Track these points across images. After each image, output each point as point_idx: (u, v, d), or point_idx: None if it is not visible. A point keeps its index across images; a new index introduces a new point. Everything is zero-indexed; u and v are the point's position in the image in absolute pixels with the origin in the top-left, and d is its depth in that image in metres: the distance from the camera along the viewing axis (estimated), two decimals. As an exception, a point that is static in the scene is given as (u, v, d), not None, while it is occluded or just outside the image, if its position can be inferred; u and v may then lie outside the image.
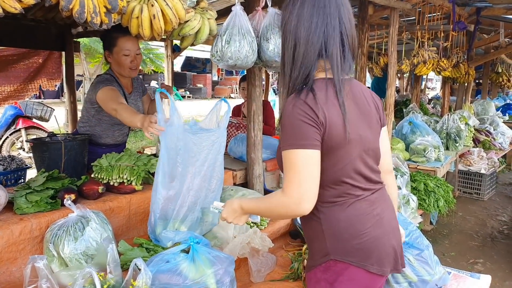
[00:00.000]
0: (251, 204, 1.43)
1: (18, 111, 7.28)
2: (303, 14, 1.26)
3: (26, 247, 1.83)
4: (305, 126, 1.21)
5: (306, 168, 1.21)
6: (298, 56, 1.28)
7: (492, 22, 5.61)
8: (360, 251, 1.31)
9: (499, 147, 6.33)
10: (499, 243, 4.23)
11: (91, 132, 2.73)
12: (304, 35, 1.26)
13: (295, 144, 1.21)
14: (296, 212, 1.25)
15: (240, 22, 2.16)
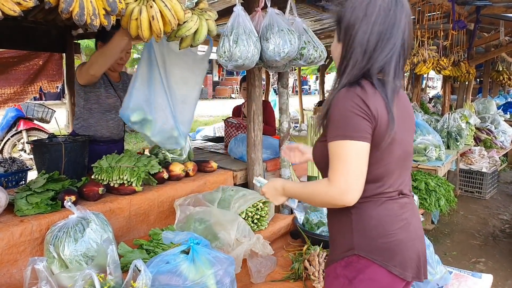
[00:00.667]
0: (294, 188, 1.47)
1: (19, 112, 7.29)
2: (374, 19, 1.27)
3: (26, 248, 1.83)
4: (358, 118, 1.23)
5: (355, 159, 1.23)
6: (362, 55, 1.29)
7: (492, 20, 5.60)
8: (385, 250, 1.32)
9: (500, 146, 6.32)
10: (501, 242, 4.22)
11: (86, 127, 2.76)
12: (373, 38, 1.28)
13: (346, 135, 1.23)
14: (339, 202, 1.26)
15: (244, 22, 2.16)
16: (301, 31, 2.48)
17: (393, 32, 1.28)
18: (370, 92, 1.26)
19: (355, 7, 1.30)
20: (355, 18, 1.29)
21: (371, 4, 1.27)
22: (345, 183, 1.23)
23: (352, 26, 1.29)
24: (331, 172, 1.26)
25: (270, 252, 2.17)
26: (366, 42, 1.28)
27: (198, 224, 2.23)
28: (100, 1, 1.50)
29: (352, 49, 1.30)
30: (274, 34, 2.24)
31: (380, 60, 1.29)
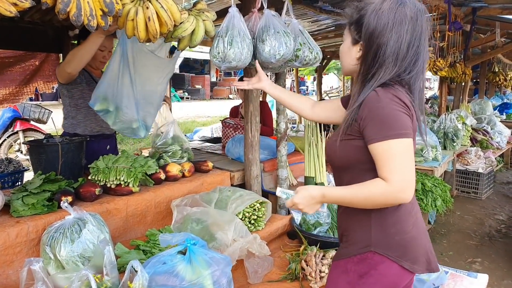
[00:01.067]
0: (338, 193, 1.39)
1: (16, 113, 7.27)
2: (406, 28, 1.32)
3: (22, 249, 1.83)
4: (404, 116, 1.28)
5: (408, 156, 1.28)
6: (393, 63, 1.33)
7: (488, 22, 5.63)
8: (400, 246, 1.36)
9: (496, 146, 6.34)
10: (497, 242, 4.24)
11: (75, 124, 2.78)
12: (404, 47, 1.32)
13: (397, 133, 1.26)
14: (399, 200, 1.29)
15: (238, 24, 2.16)
16: (297, 33, 2.49)
17: (421, 40, 1.34)
18: (402, 92, 1.31)
19: (381, 14, 1.32)
20: (383, 26, 1.31)
21: (399, 12, 1.31)
22: (404, 181, 1.26)
23: (380, 34, 1.32)
24: (387, 171, 1.27)
25: (267, 252, 2.18)
26: (398, 50, 1.31)
27: (195, 225, 2.23)
28: (97, 2, 1.50)
29: (385, 57, 1.32)
30: (270, 36, 2.24)
31: (410, 67, 1.34)
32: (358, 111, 1.33)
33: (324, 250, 2.30)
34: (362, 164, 1.37)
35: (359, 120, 1.33)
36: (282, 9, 2.52)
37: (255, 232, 2.41)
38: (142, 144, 9.25)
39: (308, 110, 1.82)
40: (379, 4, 1.33)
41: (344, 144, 1.39)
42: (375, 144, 1.29)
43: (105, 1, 1.52)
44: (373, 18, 1.32)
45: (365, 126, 1.31)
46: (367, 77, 1.36)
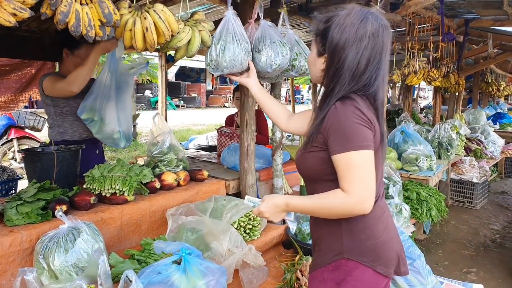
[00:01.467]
0: (300, 203, 1.42)
1: (11, 121, 7.24)
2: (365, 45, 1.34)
3: (16, 259, 1.81)
4: (364, 128, 1.30)
5: (368, 168, 1.30)
6: (350, 78, 1.35)
7: (480, 33, 5.71)
8: (372, 251, 1.39)
9: (490, 156, 6.39)
10: (491, 252, 4.25)
11: (62, 132, 2.80)
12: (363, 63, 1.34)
13: (357, 145, 1.28)
14: (358, 211, 1.31)
15: (233, 28, 2.15)
16: (293, 43, 2.51)
17: (382, 56, 1.36)
18: (364, 105, 1.33)
19: (344, 29, 1.34)
20: (345, 41, 1.33)
21: (361, 29, 1.33)
22: (364, 192, 1.28)
23: (341, 49, 1.34)
24: (346, 183, 1.29)
25: (262, 263, 2.17)
26: (355, 66, 1.34)
27: (190, 234, 2.22)
28: (96, 13, 1.51)
29: (342, 71, 1.35)
30: (266, 46, 2.26)
31: (369, 81, 1.36)
32: (321, 124, 1.36)
33: (319, 260, 2.30)
34: (328, 175, 1.39)
35: (323, 132, 1.35)
36: (278, 19, 2.55)
37: (250, 242, 2.41)
38: (137, 152, 9.23)
39: (284, 120, 1.85)
40: (343, 19, 1.35)
41: (310, 156, 1.41)
42: (336, 156, 1.31)
43: (103, 12, 1.53)
44: (337, 32, 1.35)
45: (328, 137, 1.33)
46: (328, 89, 1.40)
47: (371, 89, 1.37)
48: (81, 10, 1.46)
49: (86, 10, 1.48)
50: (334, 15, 1.38)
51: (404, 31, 5.13)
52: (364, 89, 1.36)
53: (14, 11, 1.28)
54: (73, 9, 1.43)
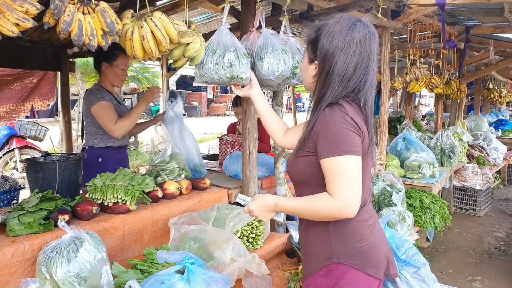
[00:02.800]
0: (288, 204, 1.47)
1: (12, 131, 7.25)
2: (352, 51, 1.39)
3: (18, 269, 1.80)
4: (352, 134, 1.33)
5: (354, 173, 1.32)
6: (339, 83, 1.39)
7: (481, 40, 5.73)
8: (361, 254, 1.42)
9: (493, 163, 6.36)
10: (496, 259, 4.22)
11: (105, 140, 3.02)
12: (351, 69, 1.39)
13: (345, 150, 1.31)
14: (343, 215, 1.33)
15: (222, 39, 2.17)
16: (294, 51, 2.51)
17: (369, 62, 1.41)
18: (352, 110, 1.37)
19: (333, 37, 1.39)
20: (334, 48, 1.38)
21: (349, 36, 1.38)
22: (350, 196, 1.31)
23: (331, 55, 1.39)
24: (333, 187, 1.32)
25: (266, 271, 2.15)
26: (344, 72, 1.38)
27: (193, 243, 2.20)
28: (98, 22, 1.52)
29: (332, 77, 1.40)
30: (269, 54, 2.26)
31: (357, 86, 1.40)
32: (312, 129, 1.40)
33: (323, 269, 2.28)
34: (317, 180, 1.42)
35: (313, 137, 1.39)
36: (279, 27, 2.56)
37: (253, 251, 2.39)
38: (139, 161, 9.22)
39: (281, 135, 1.86)
40: (332, 27, 1.40)
41: (301, 160, 1.45)
42: (324, 160, 1.34)
43: (106, 21, 1.54)
44: (326, 40, 1.40)
45: (317, 142, 1.37)
46: (319, 95, 1.43)
47: (360, 94, 1.41)
48: (84, 20, 1.46)
49: (89, 20, 1.48)
50: (324, 24, 1.44)
51: (405, 39, 5.15)
52: (353, 94, 1.40)
53: (17, 21, 1.28)
54: (76, 19, 1.44)
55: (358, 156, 1.33)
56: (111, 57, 2.93)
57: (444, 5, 3.61)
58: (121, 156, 3.15)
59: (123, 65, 3.00)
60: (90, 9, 1.56)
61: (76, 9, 1.46)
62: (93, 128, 3.02)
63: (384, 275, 1.48)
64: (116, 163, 2.81)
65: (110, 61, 2.97)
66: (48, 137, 7.74)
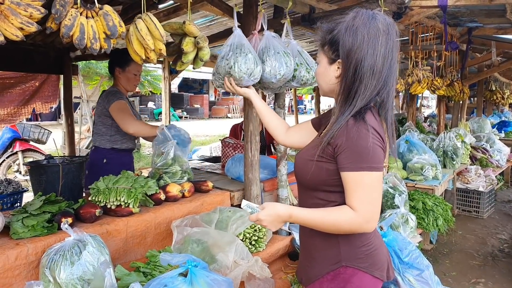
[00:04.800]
0: (304, 215, 1.39)
1: (15, 134, 7.28)
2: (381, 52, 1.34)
3: (22, 272, 1.80)
4: (378, 149, 1.32)
5: (377, 189, 1.33)
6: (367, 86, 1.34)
7: (483, 41, 5.72)
8: (368, 256, 1.43)
9: (496, 165, 6.34)
10: (500, 262, 4.20)
11: (113, 141, 3.08)
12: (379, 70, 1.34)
13: (370, 166, 1.30)
14: (364, 229, 1.35)
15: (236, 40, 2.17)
16: (295, 53, 2.52)
17: (393, 54, 1.36)
18: (376, 122, 1.35)
19: (356, 30, 1.33)
20: (360, 41, 1.32)
21: (373, 27, 1.33)
22: (371, 212, 1.32)
23: (358, 49, 1.33)
24: (355, 201, 1.31)
25: (268, 274, 2.15)
26: (374, 64, 1.33)
27: (195, 246, 2.21)
28: (101, 25, 1.53)
29: (362, 71, 1.33)
30: (271, 57, 2.26)
31: (384, 90, 1.37)
32: (333, 136, 1.35)
33: (326, 271, 2.27)
34: (329, 187, 1.41)
35: (334, 146, 1.34)
36: (281, 30, 2.56)
37: (256, 253, 2.39)
38: (142, 164, 9.24)
39: (283, 133, 1.84)
40: (351, 21, 1.35)
41: (315, 164, 1.41)
42: (347, 173, 1.32)
43: (108, 24, 1.55)
44: (349, 35, 1.34)
45: (340, 153, 1.33)
46: (349, 95, 1.37)
47: (386, 89, 1.37)
48: (87, 24, 1.47)
49: (92, 23, 1.49)
50: (339, 22, 1.39)
51: (407, 40, 5.15)
52: (379, 97, 1.37)
53: (21, 25, 1.29)
54: (78, 23, 1.44)
55: (381, 172, 1.34)
56: (124, 62, 3.02)
57: (446, 6, 3.60)
58: (126, 159, 3.20)
59: (135, 70, 3.08)
60: (93, 13, 1.57)
61: (79, 13, 1.47)
62: (102, 129, 3.08)
63: (386, 277, 1.48)
64: (121, 165, 2.84)
65: (123, 66, 3.04)
66: (52, 140, 7.77)
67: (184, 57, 2.07)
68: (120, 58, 3.06)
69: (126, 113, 2.94)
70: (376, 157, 1.31)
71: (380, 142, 1.33)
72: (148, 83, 16.21)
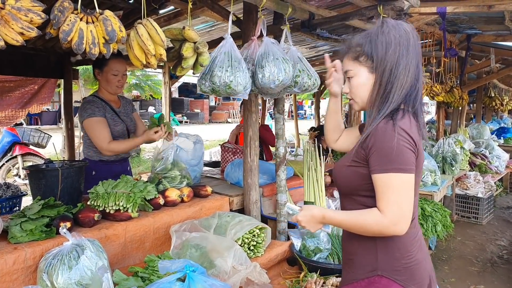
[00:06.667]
0: (336, 217, 1.45)
1: (15, 137, 7.28)
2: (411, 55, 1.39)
3: (19, 277, 1.80)
4: (408, 151, 1.32)
5: (407, 191, 1.32)
6: (403, 84, 1.39)
7: (482, 48, 5.75)
8: (406, 270, 1.40)
9: (495, 171, 6.34)
10: (499, 268, 4.19)
11: (99, 153, 2.87)
12: (411, 73, 1.39)
13: (399, 168, 1.30)
14: (391, 232, 1.33)
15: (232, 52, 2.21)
16: (296, 60, 2.53)
17: (419, 66, 1.41)
18: (408, 124, 1.36)
19: (388, 35, 1.39)
20: (394, 45, 1.38)
21: (400, 32, 1.39)
22: (399, 215, 1.31)
23: (393, 52, 1.38)
24: (382, 203, 1.32)
25: (267, 280, 2.15)
26: (408, 71, 1.38)
27: (194, 251, 2.20)
28: (100, 30, 1.54)
29: (397, 71, 1.38)
30: (269, 63, 2.28)
31: (415, 91, 1.40)
32: (365, 140, 1.38)
33: (324, 277, 2.28)
34: (364, 191, 1.42)
35: (366, 149, 1.37)
36: (281, 36, 2.57)
37: (255, 259, 2.39)
38: (141, 168, 9.24)
39: (335, 137, 1.83)
40: (380, 29, 1.41)
41: (350, 170, 1.44)
42: (376, 175, 1.33)
43: (106, 29, 1.56)
44: (382, 38, 1.39)
45: (370, 155, 1.35)
46: (386, 96, 1.39)
47: (415, 91, 1.40)
48: (86, 29, 1.48)
49: (91, 28, 1.50)
50: (366, 34, 1.44)
51: (406, 47, 5.16)
52: (410, 99, 1.40)
53: (22, 30, 1.30)
54: (77, 28, 1.45)
55: (411, 174, 1.32)
56: (101, 62, 2.78)
57: (445, 13, 3.63)
58: (118, 169, 2.94)
59: (114, 70, 2.79)
60: (94, 18, 1.58)
61: (79, 18, 1.49)
62: (87, 140, 2.90)
63: None
64: (113, 177, 2.52)
65: (101, 67, 2.81)
66: (51, 144, 7.77)
67: (184, 62, 2.08)
68: (97, 59, 2.85)
69: (98, 134, 2.73)
70: (404, 158, 1.30)
71: (409, 143, 1.32)
72: (149, 88, 16.24)
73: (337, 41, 4.53)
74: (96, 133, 2.74)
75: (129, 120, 3.03)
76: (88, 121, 2.74)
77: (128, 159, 3.21)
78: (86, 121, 2.75)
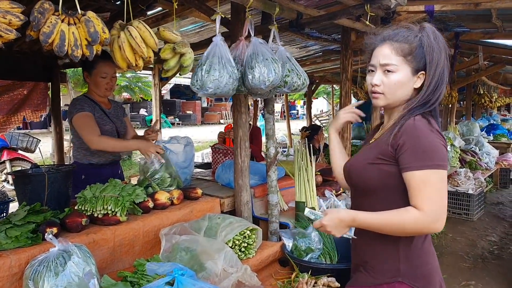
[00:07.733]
0: (368, 218, 1.39)
1: (3, 143, 7.20)
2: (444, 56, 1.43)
3: (4, 285, 1.76)
4: (442, 148, 1.35)
5: (443, 188, 1.33)
6: (435, 90, 1.43)
7: (471, 46, 5.78)
8: (424, 277, 1.43)
9: (485, 167, 6.40)
10: (490, 264, 4.22)
11: (89, 155, 2.87)
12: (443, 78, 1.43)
13: (436, 164, 1.31)
14: (430, 230, 1.35)
15: (220, 52, 2.18)
16: (285, 60, 2.52)
17: (446, 62, 1.44)
18: (435, 122, 1.40)
19: (437, 39, 1.42)
20: (439, 51, 1.41)
21: (441, 38, 1.43)
22: (439, 212, 1.31)
23: (440, 58, 1.41)
24: (421, 200, 1.30)
25: (257, 283, 2.13)
26: (445, 76, 1.43)
27: (184, 254, 2.18)
28: (83, 32, 1.51)
29: (443, 76, 1.42)
30: (259, 63, 2.26)
31: (443, 91, 1.45)
32: (394, 137, 1.37)
33: (316, 277, 2.26)
34: (387, 190, 1.41)
35: (395, 146, 1.36)
36: (269, 36, 2.56)
37: (246, 260, 2.37)
38: (133, 171, 9.17)
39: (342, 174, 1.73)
40: (430, 34, 1.42)
41: (372, 167, 1.43)
42: (412, 172, 1.32)
43: (89, 31, 1.53)
44: (437, 48, 1.41)
45: (402, 153, 1.34)
46: (428, 101, 1.41)
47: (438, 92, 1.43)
48: (68, 30, 1.46)
49: (73, 30, 1.48)
50: (417, 33, 1.44)
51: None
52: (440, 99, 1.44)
53: (0, 32, 1.27)
54: (58, 30, 1.43)
55: (446, 170, 1.34)
56: (89, 65, 2.77)
57: (433, 12, 3.64)
58: (108, 173, 2.90)
59: (102, 73, 2.80)
60: (76, 20, 1.55)
61: (61, 20, 1.46)
62: (76, 142, 2.88)
63: None
64: (102, 180, 2.48)
65: (89, 70, 2.81)
66: (39, 149, 7.68)
67: (165, 64, 2.05)
68: (86, 61, 2.78)
69: (87, 127, 2.68)
70: (442, 155, 1.32)
71: (442, 140, 1.35)
72: (139, 90, 16.16)
73: (327, 40, 4.54)
74: (86, 127, 2.69)
75: (119, 122, 3.02)
76: (77, 116, 2.71)
77: (119, 162, 3.17)
78: (76, 116, 2.71)
